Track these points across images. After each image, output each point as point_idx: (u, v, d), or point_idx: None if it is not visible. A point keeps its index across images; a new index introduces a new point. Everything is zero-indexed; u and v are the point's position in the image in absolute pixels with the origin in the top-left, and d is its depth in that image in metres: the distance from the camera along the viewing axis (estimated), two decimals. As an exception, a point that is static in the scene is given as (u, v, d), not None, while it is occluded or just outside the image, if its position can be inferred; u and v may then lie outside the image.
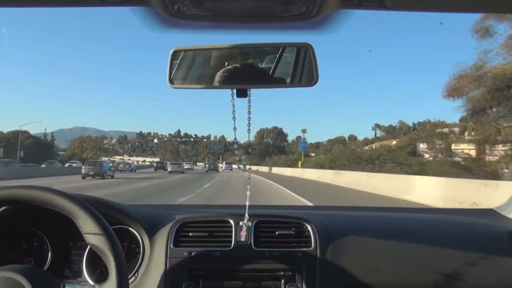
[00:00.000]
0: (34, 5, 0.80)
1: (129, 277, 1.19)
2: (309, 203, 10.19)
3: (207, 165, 58.89)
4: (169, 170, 40.55)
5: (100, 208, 0.97)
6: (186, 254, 1.24)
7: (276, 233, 1.28)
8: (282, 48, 1.09)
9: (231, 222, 1.29)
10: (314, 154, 68.07)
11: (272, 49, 1.10)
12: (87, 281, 1.24)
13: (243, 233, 1.25)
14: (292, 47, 1.10)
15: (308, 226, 1.30)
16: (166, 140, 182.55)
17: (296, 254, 1.24)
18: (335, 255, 1.25)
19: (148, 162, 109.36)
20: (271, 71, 1.08)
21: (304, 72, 1.07)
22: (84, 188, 16.38)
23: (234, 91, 1.08)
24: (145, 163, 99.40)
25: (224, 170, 50.77)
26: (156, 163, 59.10)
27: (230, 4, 0.73)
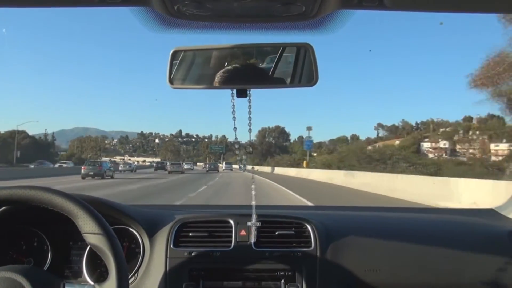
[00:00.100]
0: (34, 5, 0.80)
1: (129, 277, 1.19)
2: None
3: (207, 165, 59.00)
4: (168, 170, 40.35)
5: (100, 208, 0.97)
6: (186, 254, 1.24)
7: (276, 233, 1.28)
8: (282, 48, 1.09)
9: (231, 222, 1.29)
10: (316, 154, 68.01)
11: (272, 49, 1.10)
12: (87, 281, 1.24)
13: (252, 234, 1.24)
14: (292, 47, 1.10)
15: (308, 226, 1.30)
16: (167, 140, 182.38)
17: (296, 254, 1.24)
18: (335, 255, 1.25)
19: (149, 162, 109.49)
20: (271, 71, 1.08)
21: (304, 72, 1.07)
22: (83, 188, 16.35)
23: (234, 91, 1.08)
24: (145, 163, 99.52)
25: (224, 170, 50.98)
26: (156, 163, 59.06)
27: (230, 4, 0.73)
